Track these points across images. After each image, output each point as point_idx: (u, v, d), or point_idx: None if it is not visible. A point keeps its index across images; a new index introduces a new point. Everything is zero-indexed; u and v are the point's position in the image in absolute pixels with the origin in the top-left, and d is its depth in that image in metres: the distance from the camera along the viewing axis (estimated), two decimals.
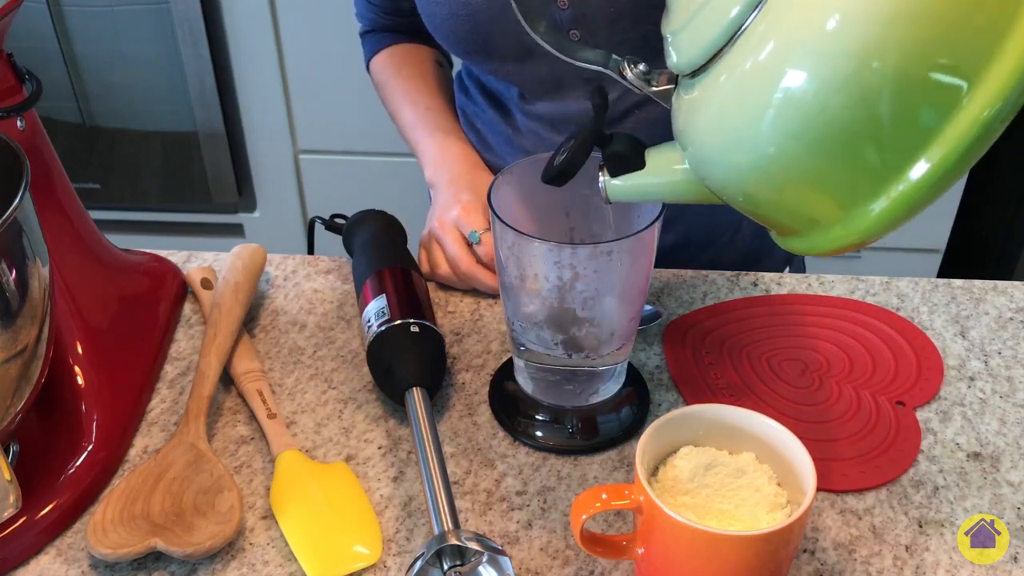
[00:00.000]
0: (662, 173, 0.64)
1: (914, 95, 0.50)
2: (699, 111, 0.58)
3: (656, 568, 0.60)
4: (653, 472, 0.62)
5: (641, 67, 0.64)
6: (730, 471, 0.62)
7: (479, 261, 0.86)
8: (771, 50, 0.52)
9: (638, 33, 0.87)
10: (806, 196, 0.56)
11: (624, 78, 0.64)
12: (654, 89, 0.64)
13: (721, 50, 0.55)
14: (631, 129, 0.93)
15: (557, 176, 0.66)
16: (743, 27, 0.54)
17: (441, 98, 1.03)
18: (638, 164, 0.65)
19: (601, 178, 0.66)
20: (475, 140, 1.01)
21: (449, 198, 0.89)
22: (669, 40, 0.60)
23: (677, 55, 0.59)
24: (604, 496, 0.59)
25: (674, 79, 0.62)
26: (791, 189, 0.56)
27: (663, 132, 0.95)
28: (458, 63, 1.06)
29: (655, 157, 0.65)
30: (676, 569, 0.59)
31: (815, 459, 0.59)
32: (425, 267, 0.89)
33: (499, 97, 0.99)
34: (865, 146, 0.52)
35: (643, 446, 0.60)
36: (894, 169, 0.52)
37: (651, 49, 0.89)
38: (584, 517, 0.59)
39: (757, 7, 0.53)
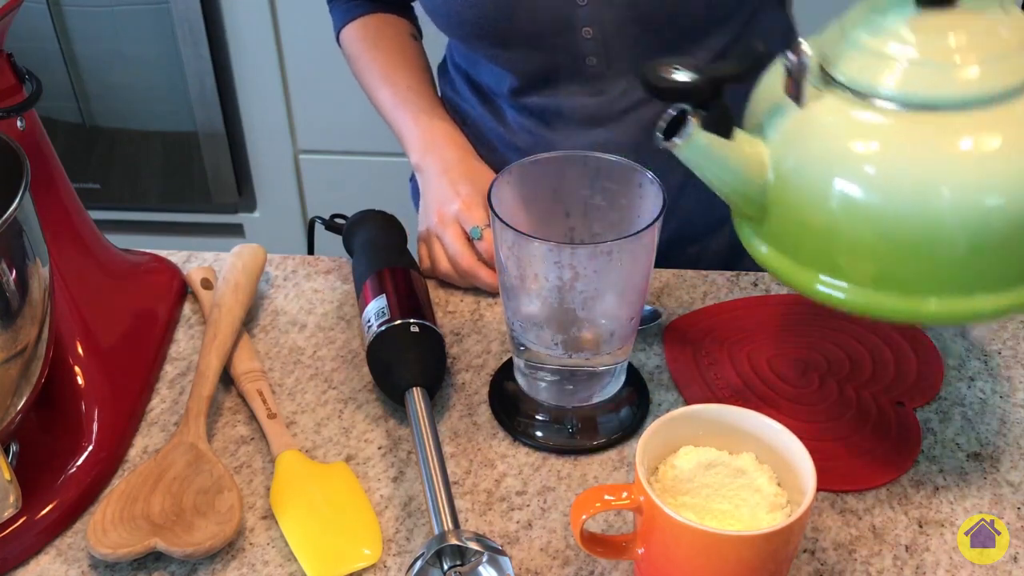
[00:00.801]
0: (740, 156, 0.61)
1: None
2: (863, 137, 0.59)
3: (656, 568, 0.60)
4: (653, 472, 0.62)
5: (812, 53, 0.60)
6: (730, 471, 0.62)
7: (480, 258, 0.86)
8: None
9: (650, 40, 0.87)
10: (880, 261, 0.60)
11: (799, 51, 0.59)
12: (810, 86, 0.60)
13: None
14: (622, 130, 0.93)
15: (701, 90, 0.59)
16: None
17: (421, 77, 1.00)
18: (728, 133, 0.61)
19: (689, 126, 0.59)
20: (469, 136, 0.99)
21: (446, 190, 0.88)
22: (958, 63, 0.58)
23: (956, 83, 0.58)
24: (604, 496, 0.59)
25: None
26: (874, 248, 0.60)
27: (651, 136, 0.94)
28: (435, 51, 1.05)
29: (740, 137, 0.61)
30: (676, 569, 0.59)
31: (815, 459, 0.59)
32: (425, 263, 0.89)
33: (488, 92, 0.98)
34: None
35: (643, 446, 0.60)
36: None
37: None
38: (584, 517, 0.59)
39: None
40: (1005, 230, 0.57)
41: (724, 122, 0.60)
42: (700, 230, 1.01)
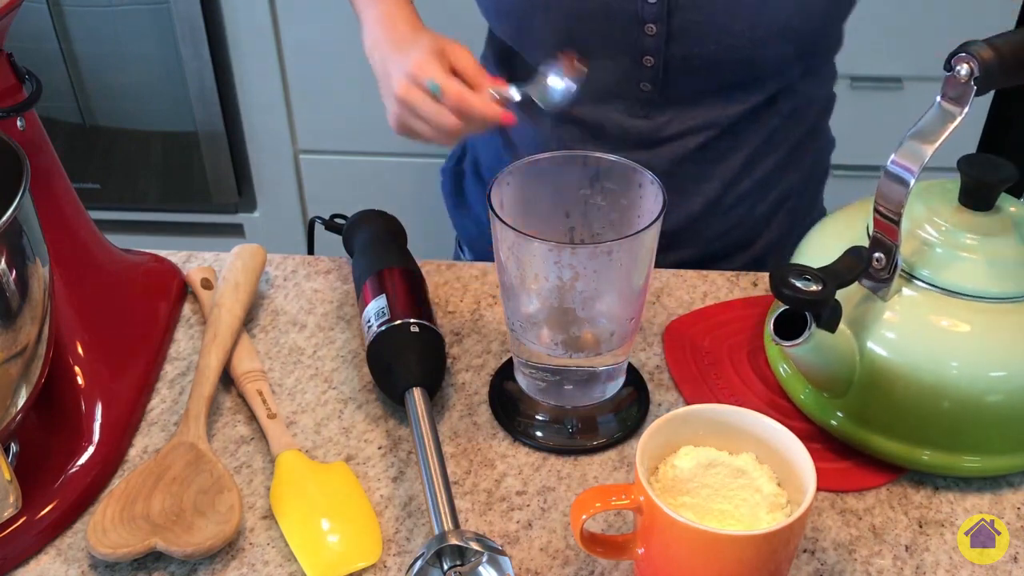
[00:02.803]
0: (839, 347, 0.68)
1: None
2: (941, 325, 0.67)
3: (656, 568, 0.61)
4: (653, 472, 0.62)
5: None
6: (730, 471, 0.62)
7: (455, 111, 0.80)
8: None
9: (710, 79, 0.88)
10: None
11: (892, 253, 0.67)
12: (955, 122, 0.64)
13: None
14: (660, 155, 0.93)
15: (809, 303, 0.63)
16: None
17: None
18: (835, 327, 0.66)
19: (811, 329, 0.64)
20: (503, 139, 0.97)
21: (398, 60, 0.83)
22: (997, 263, 0.68)
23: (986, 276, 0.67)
24: (604, 496, 0.59)
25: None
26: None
27: (694, 164, 0.94)
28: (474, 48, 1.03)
29: (841, 330, 0.67)
30: (676, 569, 0.59)
31: (815, 459, 0.59)
32: (413, 137, 0.84)
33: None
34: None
35: (643, 446, 0.59)
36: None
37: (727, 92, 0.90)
38: (584, 517, 0.59)
39: None
40: None
41: (834, 319, 0.65)
42: (722, 253, 1.01)
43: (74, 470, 0.69)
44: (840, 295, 0.66)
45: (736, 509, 0.61)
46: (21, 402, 0.63)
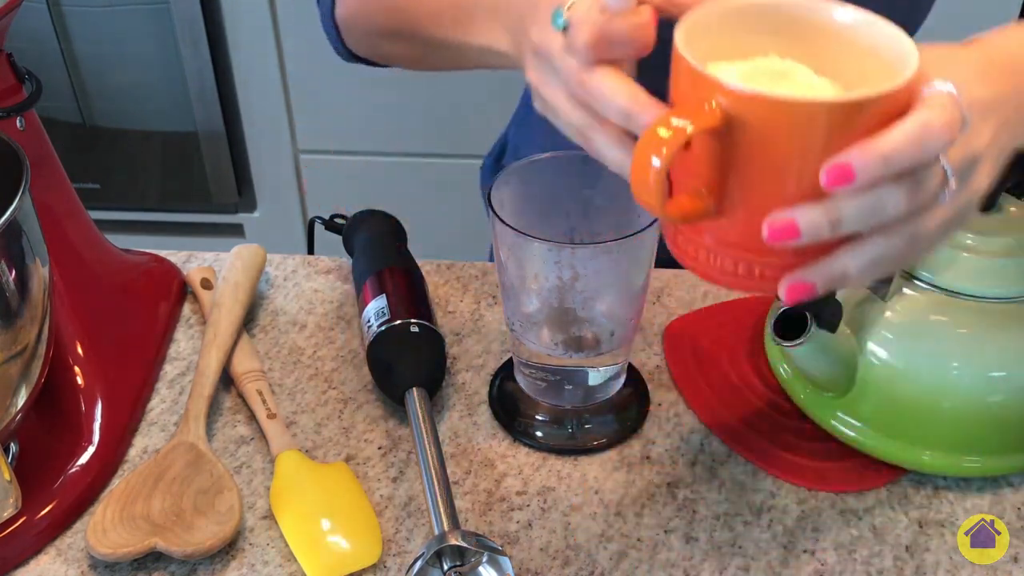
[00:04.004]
0: (840, 347, 0.68)
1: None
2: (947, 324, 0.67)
3: (745, 216, 0.47)
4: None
5: None
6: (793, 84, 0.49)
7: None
8: None
9: None
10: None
11: None
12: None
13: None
14: None
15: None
16: None
17: None
18: (835, 327, 0.66)
19: (812, 329, 0.64)
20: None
21: (525, 15, 0.58)
22: (997, 262, 0.67)
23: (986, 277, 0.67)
24: (675, 123, 0.44)
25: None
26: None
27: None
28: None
29: (842, 330, 0.67)
30: (779, 192, 0.46)
31: (815, 459, 0.59)
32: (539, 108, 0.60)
33: None
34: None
35: (686, 36, 0.45)
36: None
37: None
38: (657, 163, 0.43)
39: None
40: None
41: (834, 319, 0.65)
42: None
43: (74, 470, 0.69)
44: (840, 295, 0.66)
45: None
46: (21, 402, 0.63)
